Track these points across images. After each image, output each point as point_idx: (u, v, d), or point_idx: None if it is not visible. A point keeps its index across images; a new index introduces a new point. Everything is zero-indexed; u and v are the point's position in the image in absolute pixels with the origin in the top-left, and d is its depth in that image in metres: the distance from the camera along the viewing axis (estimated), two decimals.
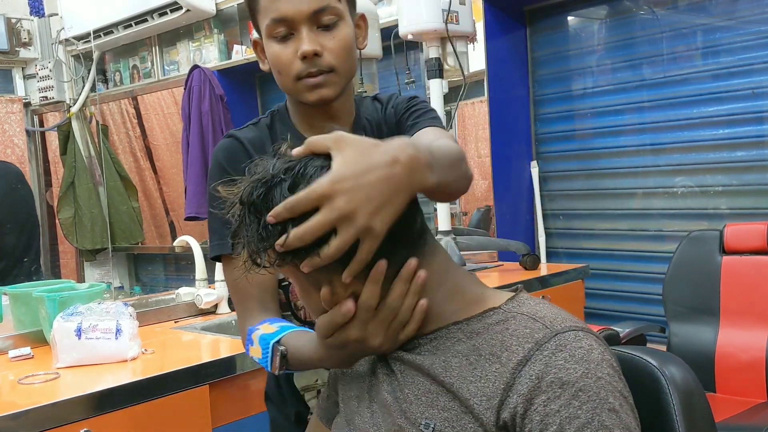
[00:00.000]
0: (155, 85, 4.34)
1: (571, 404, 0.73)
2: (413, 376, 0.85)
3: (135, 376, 1.69)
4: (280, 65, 1.14)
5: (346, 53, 1.14)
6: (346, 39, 1.13)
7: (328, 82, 1.13)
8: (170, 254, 4.57)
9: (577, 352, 0.76)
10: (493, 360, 0.79)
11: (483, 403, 0.77)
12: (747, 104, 2.67)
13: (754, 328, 2.28)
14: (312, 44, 1.10)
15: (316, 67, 1.11)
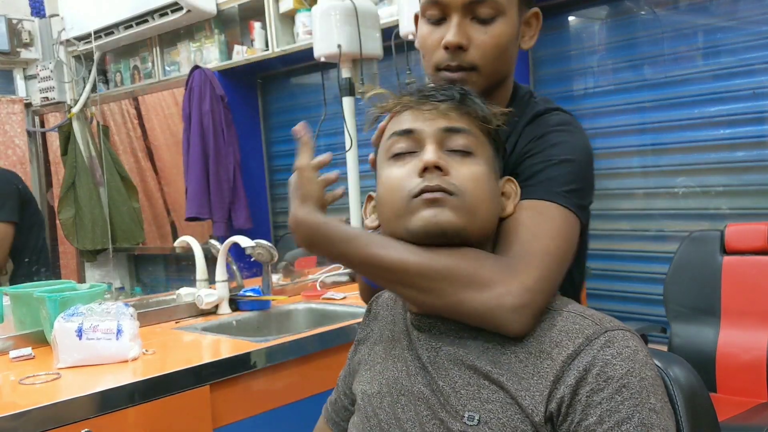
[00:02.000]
0: (156, 86, 4.34)
1: (614, 398, 0.75)
2: (449, 370, 0.86)
3: (136, 376, 1.69)
4: (424, 49, 1.07)
5: (496, 52, 1.03)
6: (500, 37, 1.02)
7: (467, 79, 1.03)
8: (171, 255, 4.57)
9: (624, 351, 0.78)
10: (543, 357, 0.81)
11: (536, 397, 0.78)
12: (748, 105, 2.67)
13: (755, 328, 2.28)
14: (458, 36, 1.01)
15: (457, 62, 1.02)
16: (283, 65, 3.92)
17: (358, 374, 1.02)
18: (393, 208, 0.89)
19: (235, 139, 3.87)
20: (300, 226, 0.95)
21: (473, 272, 0.84)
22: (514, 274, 0.84)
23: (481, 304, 0.83)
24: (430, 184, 0.86)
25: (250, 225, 3.83)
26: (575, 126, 1.06)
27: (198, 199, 3.74)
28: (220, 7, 3.85)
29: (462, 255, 0.86)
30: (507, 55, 1.05)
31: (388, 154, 0.92)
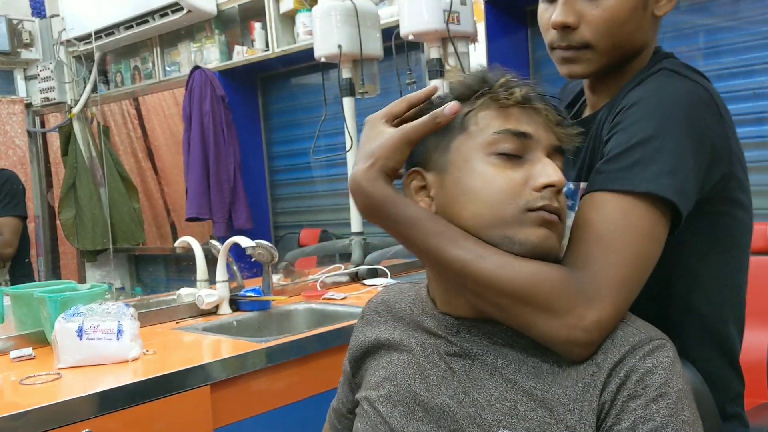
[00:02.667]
0: (156, 86, 4.34)
1: (649, 406, 0.74)
2: (483, 380, 0.82)
3: (136, 376, 1.69)
4: (541, 26, 1.01)
5: (611, 27, 0.94)
6: (614, 9, 0.93)
7: (580, 58, 0.97)
8: (171, 255, 4.57)
9: (664, 361, 0.77)
10: (588, 363, 0.78)
11: (585, 407, 0.76)
12: (748, 105, 2.67)
13: (756, 328, 2.27)
14: (564, 14, 0.95)
15: (566, 42, 0.96)
16: (284, 65, 3.92)
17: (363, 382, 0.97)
18: (495, 210, 0.81)
19: (235, 139, 3.87)
20: (360, 194, 0.86)
21: (549, 297, 0.78)
22: (588, 305, 0.78)
23: (550, 332, 0.78)
24: (553, 205, 0.81)
25: (250, 225, 3.84)
26: (674, 89, 0.92)
27: (198, 199, 3.74)
28: (220, 7, 3.85)
29: (542, 275, 0.79)
30: (628, 28, 0.95)
31: (490, 149, 0.83)
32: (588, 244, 0.82)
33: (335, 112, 2.92)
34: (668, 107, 0.89)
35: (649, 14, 0.97)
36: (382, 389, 0.90)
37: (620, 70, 0.99)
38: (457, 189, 0.84)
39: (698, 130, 0.88)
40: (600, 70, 0.98)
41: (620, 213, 0.84)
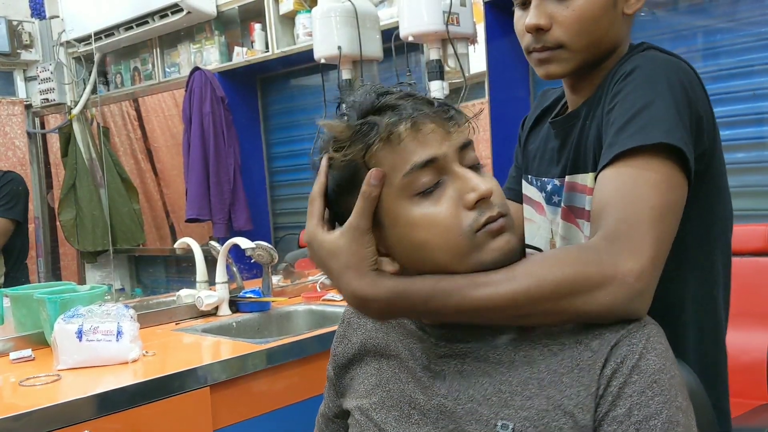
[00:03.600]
0: (156, 87, 4.34)
1: (645, 393, 0.74)
2: (478, 376, 0.82)
3: (136, 378, 1.69)
4: (517, 33, 1.06)
5: (582, 26, 0.98)
6: (584, 9, 0.98)
7: (556, 58, 1.01)
8: (171, 256, 4.57)
9: (658, 347, 0.77)
10: (581, 348, 0.78)
11: (582, 392, 0.76)
12: (747, 106, 2.67)
13: (755, 329, 2.28)
14: (536, 17, 0.99)
15: (541, 43, 1.01)
16: (284, 67, 3.92)
17: (350, 389, 0.96)
18: (452, 250, 0.80)
19: (235, 140, 3.87)
20: (372, 304, 0.81)
21: (580, 276, 0.77)
22: (621, 264, 0.77)
23: (600, 306, 0.77)
24: (492, 214, 0.81)
25: (250, 226, 3.84)
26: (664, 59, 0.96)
27: (198, 200, 3.74)
28: (220, 8, 3.85)
29: (558, 261, 0.79)
30: (600, 26, 0.99)
31: (408, 192, 0.81)
32: (610, 208, 0.83)
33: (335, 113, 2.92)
34: (662, 74, 0.92)
35: (619, 12, 1.01)
36: (374, 396, 0.89)
37: (597, 68, 1.03)
38: (406, 245, 0.82)
39: (688, 98, 0.92)
40: (576, 68, 1.02)
41: (635, 171, 0.85)
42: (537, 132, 1.19)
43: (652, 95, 0.90)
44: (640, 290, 0.77)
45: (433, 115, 0.84)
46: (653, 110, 0.88)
